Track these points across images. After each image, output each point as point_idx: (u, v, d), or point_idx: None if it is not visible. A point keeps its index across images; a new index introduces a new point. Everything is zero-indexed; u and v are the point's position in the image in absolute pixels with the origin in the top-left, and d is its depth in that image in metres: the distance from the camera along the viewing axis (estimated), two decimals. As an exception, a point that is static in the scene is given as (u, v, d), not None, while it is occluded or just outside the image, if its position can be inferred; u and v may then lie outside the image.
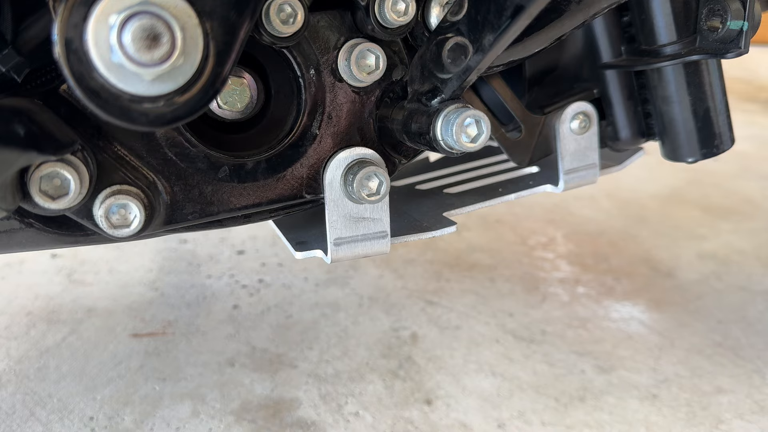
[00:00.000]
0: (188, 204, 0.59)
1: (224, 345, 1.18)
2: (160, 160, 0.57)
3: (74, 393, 1.04)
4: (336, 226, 0.63)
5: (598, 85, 0.81)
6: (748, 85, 3.52)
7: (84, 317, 1.27)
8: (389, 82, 0.64)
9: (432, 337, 1.21)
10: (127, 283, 1.41)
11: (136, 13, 0.38)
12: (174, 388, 1.06)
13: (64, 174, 0.49)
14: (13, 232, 0.58)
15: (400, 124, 0.60)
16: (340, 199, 0.62)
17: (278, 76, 0.63)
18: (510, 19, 0.44)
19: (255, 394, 1.05)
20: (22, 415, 0.99)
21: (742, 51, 0.67)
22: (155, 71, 0.39)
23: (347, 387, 1.07)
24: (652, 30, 0.73)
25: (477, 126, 0.53)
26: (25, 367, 1.12)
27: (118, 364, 1.12)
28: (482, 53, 0.49)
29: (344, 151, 0.62)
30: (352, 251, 0.64)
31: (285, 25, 0.54)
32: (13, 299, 1.35)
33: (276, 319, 1.27)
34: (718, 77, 0.76)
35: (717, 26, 0.68)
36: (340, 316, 1.28)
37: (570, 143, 0.78)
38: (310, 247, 0.67)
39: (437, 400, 1.04)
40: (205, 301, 1.34)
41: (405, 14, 0.58)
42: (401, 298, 1.36)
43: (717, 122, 0.76)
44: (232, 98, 0.61)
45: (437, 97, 0.55)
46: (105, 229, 0.53)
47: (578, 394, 1.05)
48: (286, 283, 1.42)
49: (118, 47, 0.38)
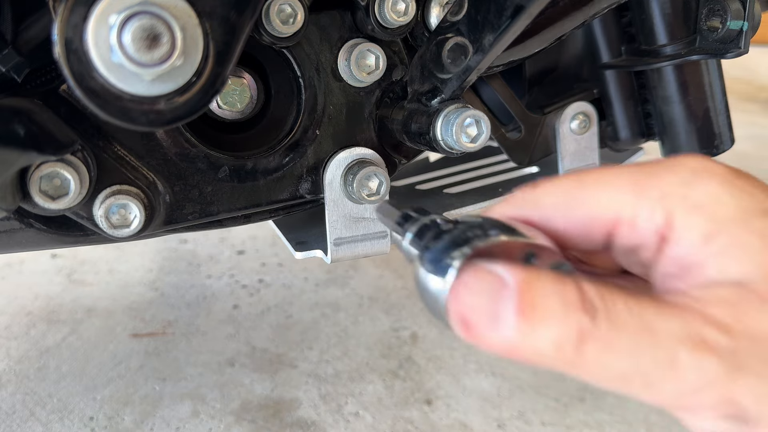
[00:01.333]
0: (188, 204, 0.59)
1: (224, 345, 1.18)
2: (160, 160, 0.57)
3: (74, 393, 1.04)
4: (336, 226, 0.63)
5: (598, 85, 0.81)
6: (748, 85, 3.52)
7: (84, 317, 1.27)
8: (389, 82, 0.64)
9: (432, 337, 1.21)
10: (127, 283, 1.41)
11: (136, 13, 0.38)
12: (174, 388, 1.06)
13: (64, 174, 0.49)
14: (13, 232, 0.58)
15: (400, 124, 0.60)
16: (340, 199, 0.62)
17: (278, 76, 0.63)
18: (510, 19, 0.44)
19: (255, 394, 1.05)
20: (22, 415, 0.99)
21: (742, 51, 0.67)
22: (155, 71, 0.39)
23: (347, 387, 1.07)
24: (651, 30, 0.73)
25: (477, 126, 0.53)
26: (25, 367, 1.12)
27: (118, 364, 1.12)
28: (482, 53, 0.49)
29: (344, 151, 0.62)
30: (352, 251, 0.64)
31: (285, 25, 0.54)
32: (13, 299, 1.34)
33: (276, 319, 1.27)
34: (717, 77, 0.76)
35: (717, 26, 0.68)
36: (340, 316, 1.28)
37: (570, 143, 0.78)
38: (310, 247, 0.67)
39: (437, 400, 1.04)
40: (205, 301, 1.34)
41: (405, 14, 0.58)
42: (401, 298, 1.36)
43: (717, 122, 0.76)
44: (232, 98, 0.61)
45: (437, 97, 0.55)
46: (105, 229, 0.53)
47: (578, 394, 1.05)
48: (286, 283, 1.42)
49: (118, 47, 0.38)
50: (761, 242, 0.29)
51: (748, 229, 0.29)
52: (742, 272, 0.29)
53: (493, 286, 0.29)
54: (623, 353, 0.28)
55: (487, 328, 0.29)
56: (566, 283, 0.29)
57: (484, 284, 0.29)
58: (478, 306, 0.29)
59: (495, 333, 0.29)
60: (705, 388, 0.28)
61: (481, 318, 0.29)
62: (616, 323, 0.28)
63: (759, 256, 0.29)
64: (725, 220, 0.30)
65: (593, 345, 0.28)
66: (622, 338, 0.28)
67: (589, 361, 0.28)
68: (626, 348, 0.28)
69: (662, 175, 0.32)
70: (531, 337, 0.28)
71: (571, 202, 0.34)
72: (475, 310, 0.29)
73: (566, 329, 0.28)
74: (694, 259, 0.30)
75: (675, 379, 0.28)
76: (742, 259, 0.29)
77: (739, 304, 0.28)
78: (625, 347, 0.28)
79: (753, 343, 0.28)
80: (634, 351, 0.28)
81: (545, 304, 0.28)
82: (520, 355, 0.29)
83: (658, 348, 0.27)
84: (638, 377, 0.28)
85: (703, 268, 0.30)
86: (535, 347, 0.28)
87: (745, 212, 0.30)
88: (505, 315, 0.28)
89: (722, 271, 0.29)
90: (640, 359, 0.28)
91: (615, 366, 0.28)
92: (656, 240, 0.32)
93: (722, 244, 0.29)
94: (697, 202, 0.30)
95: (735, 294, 0.28)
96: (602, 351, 0.28)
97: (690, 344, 0.27)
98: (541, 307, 0.28)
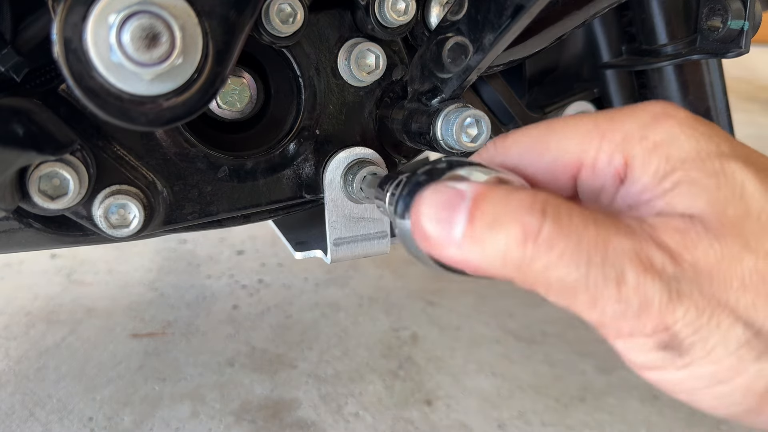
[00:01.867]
0: (188, 204, 0.59)
1: (224, 345, 1.18)
2: (159, 159, 0.57)
3: (73, 393, 1.04)
4: (336, 226, 0.63)
5: (599, 85, 0.81)
6: (749, 85, 3.52)
7: (83, 317, 1.27)
8: (389, 82, 0.63)
9: (432, 337, 1.21)
10: (126, 284, 1.41)
11: (135, 13, 0.37)
12: (173, 389, 1.06)
13: (63, 174, 0.49)
14: (12, 232, 0.58)
15: (400, 124, 0.60)
16: (340, 199, 0.62)
17: (278, 76, 0.63)
18: (510, 19, 0.44)
19: (255, 394, 1.04)
20: (22, 416, 0.99)
21: (743, 51, 0.67)
22: (154, 71, 0.38)
23: (347, 387, 1.06)
24: (652, 29, 0.73)
25: (477, 126, 0.53)
26: (24, 367, 1.11)
27: (117, 365, 1.12)
28: (482, 53, 0.48)
29: (344, 151, 0.62)
30: (352, 251, 0.64)
31: (285, 24, 0.54)
32: (12, 299, 1.34)
33: (276, 320, 1.27)
34: (718, 77, 0.76)
35: (717, 26, 0.68)
36: (340, 316, 1.28)
37: (570, 143, 0.78)
38: (309, 247, 0.67)
39: (437, 400, 1.03)
40: (205, 301, 1.34)
41: (405, 14, 0.58)
42: (401, 298, 1.36)
43: (717, 122, 0.76)
44: (231, 98, 0.61)
45: (437, 97, 0.55)
46: (104, 229, 0.53)
47: (579, 395, 1.05)
48: (286, 283, 1.42)
49: (117, 47, 0.37)
50: (714, 181, 0.29)
51: (702, 169, 0.30)
52: (694, 207, 0.29)
53: (451, 199, 0.30)
54: (571, 261, 0.28)
55: (443, 238, 0.30)
56: (520, 191, 0.29)
57: (442, 197, 0.30)
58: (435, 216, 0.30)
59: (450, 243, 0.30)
60: (645, 311, 0.28)
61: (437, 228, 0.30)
62: (567, 228, 0.28)
63: (711, 194, 0.29)
64: (681, 160, 0.30)
65: (538, 247, 0.28)
66: (571, 245, 0.28)
67: (535, 265, 0.28)
68: (575, 256, 0.28)
69: (624, 120, 0.32)
70: (482, 244, 0.29)
71: (538, 147, 0.34)
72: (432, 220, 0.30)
73: (513, 230, 0.28)
74: (648, 195, 0.31)
75: (619, 298, 0.28)
76: (694, 196, 0.29)
77: (689, 235, 0.28)
78: (574, 255, 0.28)
79: (696, 273, 0.28)
80: (583, 261, 0.28)
81: (495, 211, 0.29)
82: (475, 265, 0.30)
83: (607, 262, 0.28)
84: (584, 291, 0.28)
85: (656, 203, 0.30)
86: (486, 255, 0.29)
87: (701, 153, 0.30)
88: (458, 224, 0.29)
89: (674, 205, 0.29)
90: (588, 270, 0.28)
91: (561, 274, 0.28)
92: (616, 182, 0.32)
93: (676, 181, 0.30)
94: (655, 143, 0.31)
95: (686, 225, 0.29)
96: (547, 254, 0.28)
97: (638, 264, 0.28)
98: (492, 214, 0.29)
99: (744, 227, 0.28)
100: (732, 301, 0.28)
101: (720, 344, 0.28)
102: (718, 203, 0.29)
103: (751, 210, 0.29)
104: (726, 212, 0.29)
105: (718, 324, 0.28)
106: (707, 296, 0.28)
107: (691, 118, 0.32)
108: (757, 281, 0.28)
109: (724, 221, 0.28)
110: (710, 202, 0.29)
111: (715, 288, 0.28)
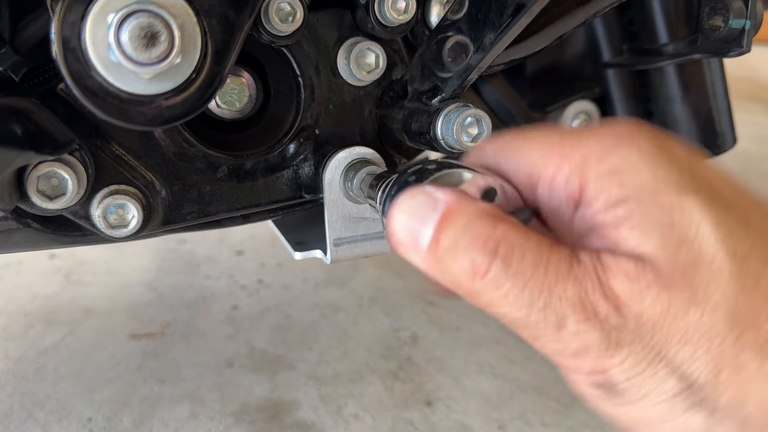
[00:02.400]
0: (187, 204, 0.59)
1: (223, 346, 1.18)
2: (158, 159, 0.57)
3: (72, 394, 1.04)
4: (335, 226, 0.62)
5: (600, 84, 0.81)
6: (751, 84, 3.52)
7: (82, 318, 1.27)
8: (389, 81, 0.63)
9: (432, 338, 1.21)
10: (125, 284, 1.41)
11: (134, 12, 0.37)
12: (173, 390, 1.05)
13: (62, 174, 0.49)
14: (10, 233, 0.57)
15: (400, 124, 0.59)
16: (340, 199, 0.62)
17: (277, 75, 0.63)
18: (511, 18, 0.44)
19: (254, 395, 1.04)
20: (20, 416, 0.99)
21: (744, 50, 0.67)
22: (153, 70, 0.38)
23: (347, 388, 1.06)
24: (653, 29, 0.73)
25: (478, 125, 0.52)
26: (23, 367, 1.11)
27: (116, 365, 1.12)
28: (483, 52, 0.48)
29: (344, 151, 0.61)
30: (351, 251, 0.64)
31: (284, 23, 0.54)
32: (11, 300, 1.34)
33: (275, 320, 1.27)
34: (720, 76, 0.76)
35: (719, 25, 0.68)
36: (340, 316, 1.28)
37: (571, 143, 0.78)
38: (309, 247, 0.67)
39: (437, 401, 1.03)
40: (204, 301, 1.34)
41: (405, 13, 0.58)
42: (401, 298, 1.35)
43: (719, 121, 0.76)
44: (230, 97, 0.60)
45: (437, 96, 0.55)
46: (103, 230, 0.53)
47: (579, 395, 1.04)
48: (286, 283, 1.41)
49: (116, 46, 0.37)
50: (668, 219, 0.29)
51: (657, 202, 0.29)
52: (645, 245, 0.29)
53: (422, 208, 0.31)
54: (515, 302, 0.29)
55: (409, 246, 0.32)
56: (484, 219, 0.30)
57: (415, 203, 0.31)
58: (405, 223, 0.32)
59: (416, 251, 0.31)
60: (583, 355, 0.29)
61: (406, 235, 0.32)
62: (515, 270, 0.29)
63: (663, 233, 0.29)
64: (636, 188, 0.30)
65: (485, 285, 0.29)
66: (517, 287, 0.29)
67: (482, 298, 0.30)
68: (518, 298, 0.29)
69: (588, 140, 0.32)
70: (442, 264, 0.31)
71: (508, 153, 0.35)
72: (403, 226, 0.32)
73: (464, 265, 0.30)
74: (601, 220, 0.30)
75: (558, 340, 0.29)
76: (646, 232, 0.29)
77: (638, 284, 0.28)
78: (518, 297, 0.29)
79: (639, 325, 0.28)
80: (525, 303, 0.29)
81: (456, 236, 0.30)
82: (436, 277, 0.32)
83: (549, 308, 0.29)
84: (524, 328, 0.30)
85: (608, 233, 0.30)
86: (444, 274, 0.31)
87: (658, 184, 0.29)
88: (425, 237, 0.31)
89: (627, 239, 0.29)
90: (530, 312, 0.29)
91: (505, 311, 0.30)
92: (570, 204, 0.32)
93: (629, 211, 0.29)
94: (611, 169, 0.30)
95: (637, 271, 0.29)
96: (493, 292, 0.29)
97: (581, 311, 0.28)
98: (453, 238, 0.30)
99: (694, 276, 0.28)
100: (671, 353, 0.28)
101: (653, 393, 0.29)
102: (670, 245, 0.28)
103: (703, 255, 0.28)
104: (677, 257, 0.28)
105: (653, 374, 0.29)
106: (647, 347, 0.28)
107: (654, 143, 0.31)
108: (699, 336, 0.28)
109: (675, 267, 0.28)
110: (662, 243, 0.28)
111: (656, 340, 0.28)
